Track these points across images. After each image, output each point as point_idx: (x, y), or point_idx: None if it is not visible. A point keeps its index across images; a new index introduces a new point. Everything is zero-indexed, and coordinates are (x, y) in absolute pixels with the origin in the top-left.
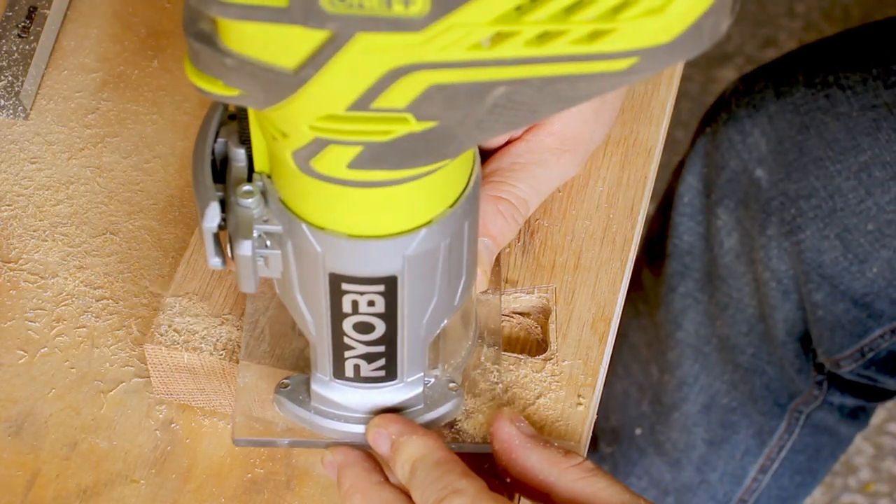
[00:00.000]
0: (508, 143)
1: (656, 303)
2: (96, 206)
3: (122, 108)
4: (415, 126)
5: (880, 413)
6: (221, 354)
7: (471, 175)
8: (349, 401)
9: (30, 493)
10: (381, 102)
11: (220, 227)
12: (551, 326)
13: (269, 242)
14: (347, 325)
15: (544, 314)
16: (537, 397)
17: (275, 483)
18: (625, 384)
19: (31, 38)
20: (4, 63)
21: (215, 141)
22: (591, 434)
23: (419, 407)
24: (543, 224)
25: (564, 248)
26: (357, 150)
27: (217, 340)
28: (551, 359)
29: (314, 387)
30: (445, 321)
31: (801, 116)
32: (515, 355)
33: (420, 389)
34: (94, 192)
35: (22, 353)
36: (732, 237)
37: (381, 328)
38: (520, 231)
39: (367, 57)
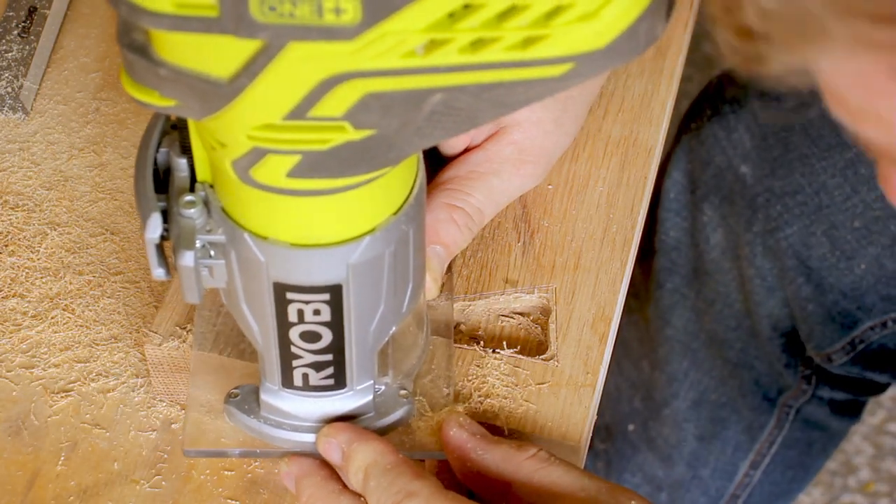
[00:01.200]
0: (467, 150)
1: (646, 299)
2: (96, 206)
3: (122, 108)
4: (352, 134)
5: (880, 413)
6: (220, 353)
7: (414, 182)
8: (299, 410)
9: (30, 493)
10: (317, 111)
11: (163, 238)
12: (551, 326)
13: (212, 252)
14: (294, 334)
15: (544, 314)
16: (538, 397)
17: (275, 483)
18: (617, 381)
19: (31, 38)
20: (4, 63)
21: (157, 151)
22: (591, 434)
23: (370, 415)
24: (543, 224)
25: (564, 248)
26: (295, 159)
27: (216, 339)
28: (551, 359)
29: (263, 396)
30: (394, 328)
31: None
32: (516, 355)
33: (370, 397)
34: (94, 192)
35: (22, 352)
36: (718, 233)
37: (327, 337)
38: (520, 231)
39: (300, 66)
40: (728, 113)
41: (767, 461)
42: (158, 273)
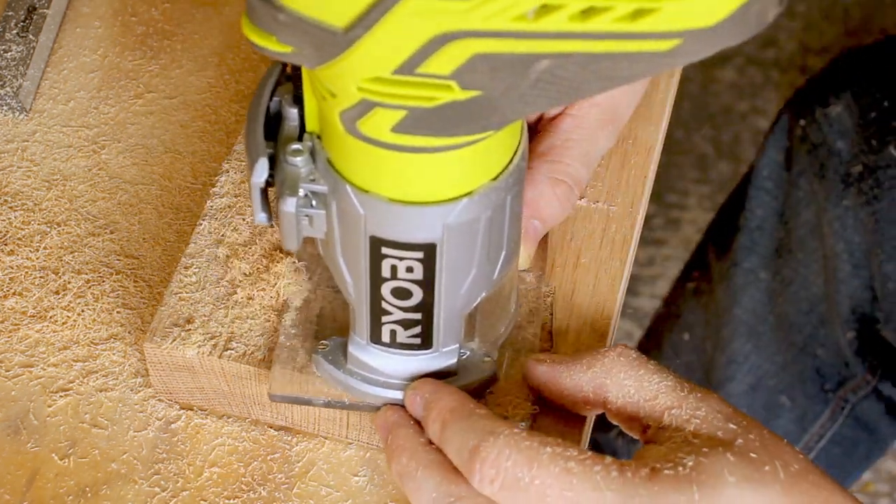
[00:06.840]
0: (549, 117)
1: (719, 279)
2: (95, 205)
3: (122, 108)
4: (458, 94)
5: None
6: (220, 353)
7: (516, 150)
8: (384, 366)
9: (29, 492)
10: (426, 68)
11: (268, 184)
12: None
13: (314, 202)
14: (385, 289)
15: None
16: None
17: (275, 483)
18: (674, 364)
19: (31, 38)
20: (3, 62)
21: (271, 99)
22: (591, 429)
23: (453, 377)
24: None
25: (564, 248)
26: (401, 114)
27: (216, 338)
28: None
29: (351, 349)
30: (484, 294)
31: (886, 90)
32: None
33: (454, 360)
34: (94, 191)
35: (21, 352)
36: (810, 209)
37: (418, 295)
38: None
39: (413, 20)
40: (827, 91)
41: (812, 455)
42: (261, 218)
